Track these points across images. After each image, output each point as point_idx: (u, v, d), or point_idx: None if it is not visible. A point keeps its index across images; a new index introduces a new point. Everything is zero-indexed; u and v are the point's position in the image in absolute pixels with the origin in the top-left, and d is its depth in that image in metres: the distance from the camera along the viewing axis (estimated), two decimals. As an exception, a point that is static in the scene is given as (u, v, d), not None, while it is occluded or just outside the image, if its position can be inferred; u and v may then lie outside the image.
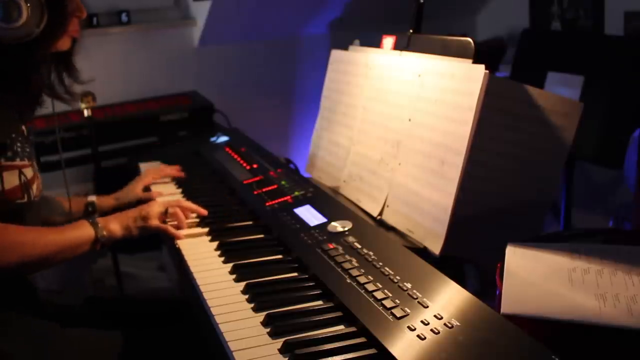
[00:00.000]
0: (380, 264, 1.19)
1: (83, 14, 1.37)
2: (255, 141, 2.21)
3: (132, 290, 2.42)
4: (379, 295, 1.08)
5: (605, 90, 2.06)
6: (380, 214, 1.58)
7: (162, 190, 1.87)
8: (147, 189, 1.89)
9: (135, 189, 1.87)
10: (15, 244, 1.26)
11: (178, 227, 1.54)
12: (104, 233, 1.41)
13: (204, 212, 1.59)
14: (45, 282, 2.24)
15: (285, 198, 1.62)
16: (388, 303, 1.06)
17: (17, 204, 1.31)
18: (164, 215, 1.53)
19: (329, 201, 1.56)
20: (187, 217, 1.56)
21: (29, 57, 1.31)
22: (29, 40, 1.27)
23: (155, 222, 1.48)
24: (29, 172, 1.34)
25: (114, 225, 1.43)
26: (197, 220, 1.59)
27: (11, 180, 1.30)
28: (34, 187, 1.35)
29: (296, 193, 1.63)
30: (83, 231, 1.39)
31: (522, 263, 1.16)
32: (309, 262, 1.29)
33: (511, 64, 2.54)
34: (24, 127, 1.38)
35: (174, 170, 2.01)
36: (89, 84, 1.54)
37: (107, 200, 1.82)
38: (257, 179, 1.82)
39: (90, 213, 1.75)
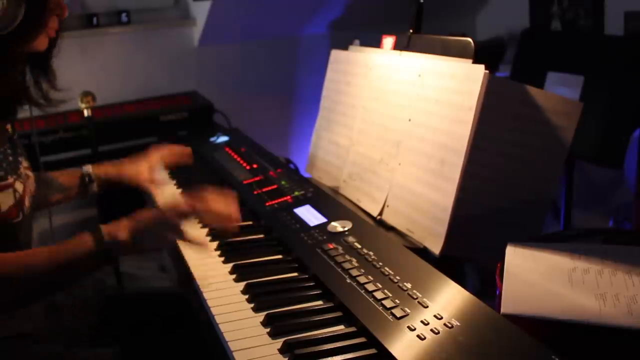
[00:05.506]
0: (380, 264, 1.19)
1: (64, 13, 1.26)
2: (255, 141, 2.21)
3: (133, 291, 2.42)
4: (379, 295, 1.08)
5: (605, 90, 2.06)
6: (380, 214, 1.58)
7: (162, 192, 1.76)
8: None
9: (139, 169, 1.66)
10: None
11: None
12: (107, 243, 1.17)
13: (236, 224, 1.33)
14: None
15: (285, 198, 1.62)
16: (388, 303, 1.06)
17: (12, 224, 1.20)
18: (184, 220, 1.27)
19: (329, 201, 1.56)
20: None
21: (3, 52, 1.18)
22: (4, 34, 1.14)
23: (173, 234, 1.25)
24: (19, 187, 1.24)
25: (122, 233, 1.19)
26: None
27: (6, 201, 1.19)
28: (26, 200, 1.26)
29: (296, 193, 1.63)
30: (79, 245, 1.17)
31: (522, 263, 1.16)
32: (309, 262, 1.29)
33: (511, 64, 2.54)
34: (9, 129, 1.29)
35: (184, 153, 1.79)
36: (88, 84, 1.51)
37: (107, 169, 1.64)
38: (257, 179, 1.82)
39: (87, 184, 1.60)
